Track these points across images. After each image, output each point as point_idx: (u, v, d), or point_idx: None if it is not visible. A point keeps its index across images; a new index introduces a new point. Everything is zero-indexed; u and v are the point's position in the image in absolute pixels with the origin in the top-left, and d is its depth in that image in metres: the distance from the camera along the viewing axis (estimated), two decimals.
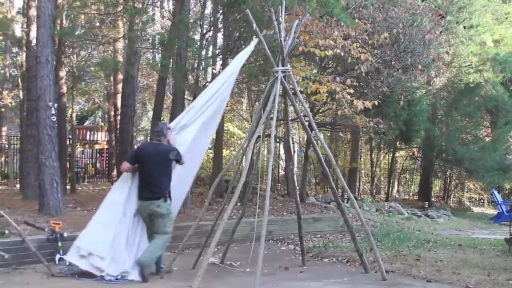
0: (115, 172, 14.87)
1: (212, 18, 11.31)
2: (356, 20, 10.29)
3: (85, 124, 23.99)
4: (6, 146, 15.94)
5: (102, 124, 22.36)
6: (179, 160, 6.04)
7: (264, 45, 6.38)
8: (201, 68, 10.26)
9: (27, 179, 10.10)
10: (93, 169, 19.98)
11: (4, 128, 18.96)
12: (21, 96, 14.48)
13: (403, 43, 11.02)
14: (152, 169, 5.90)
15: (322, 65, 11.85)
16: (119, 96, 14.34)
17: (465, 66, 17.38)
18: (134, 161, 6.06)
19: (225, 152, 14.97)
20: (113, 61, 11.63)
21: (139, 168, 6.00)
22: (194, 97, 10.61)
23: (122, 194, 5.98)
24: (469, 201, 22.87)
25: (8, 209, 8.09)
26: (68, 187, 12.08)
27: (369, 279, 6.11)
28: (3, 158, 16.38)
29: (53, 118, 8.01)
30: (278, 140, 14.14)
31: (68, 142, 14.19)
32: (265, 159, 15.43)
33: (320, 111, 12.33)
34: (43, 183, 7.91)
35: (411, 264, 7.00)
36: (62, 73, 11.72)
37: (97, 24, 15.23)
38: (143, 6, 10.77)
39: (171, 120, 10.69)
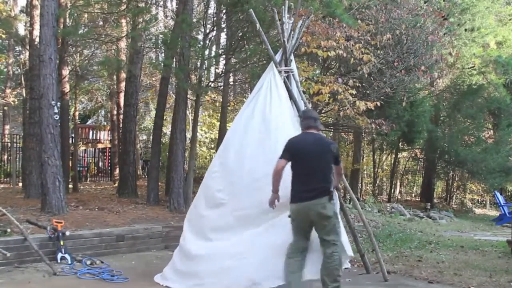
0: (117, 171, 14.89)
1: (215, 18, 11.30)
2: (359, 21, 10.27)
3: (87, 123, 24.05)
4: (9, 144, 15.96)
5: (105, 123, 22.38)
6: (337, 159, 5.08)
7: (267, 45, 6.36)
8: (204, 67, 10.24)
9: (29, 178, 10.11)
10: (95, 168, 20.03)
11: (7, 127, 19.00)
12: (24, 95, 14.53)
13: (406, 44, 10.99)
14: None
15: (325, 65, 11.84)
16: (122, 95, 14.36)
17: (468, 68, 17.37)
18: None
19: None
20: (116, 60, 11.63)
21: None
22: (197, 97, 10.63)
23: None
24: (471, 203, 22.83)
25: (10, 207, 8.10)
26: (70, 186, 12.10)
27: (371, 279, 6.10)
28: (5, 157, 16.41)
29: (56, 117, 8.03)
30: None
31: (70, 141, 14.24)
32: None
33: (323, 111, 12.31)
34: (46, 181, 7.92)
35: (413, 265, 7.00)
36: (65, 72, 11.74)
37: (100, 23, 15.30)
38: (146, 6, 10.79)
39: (173, 120, 10.72)
